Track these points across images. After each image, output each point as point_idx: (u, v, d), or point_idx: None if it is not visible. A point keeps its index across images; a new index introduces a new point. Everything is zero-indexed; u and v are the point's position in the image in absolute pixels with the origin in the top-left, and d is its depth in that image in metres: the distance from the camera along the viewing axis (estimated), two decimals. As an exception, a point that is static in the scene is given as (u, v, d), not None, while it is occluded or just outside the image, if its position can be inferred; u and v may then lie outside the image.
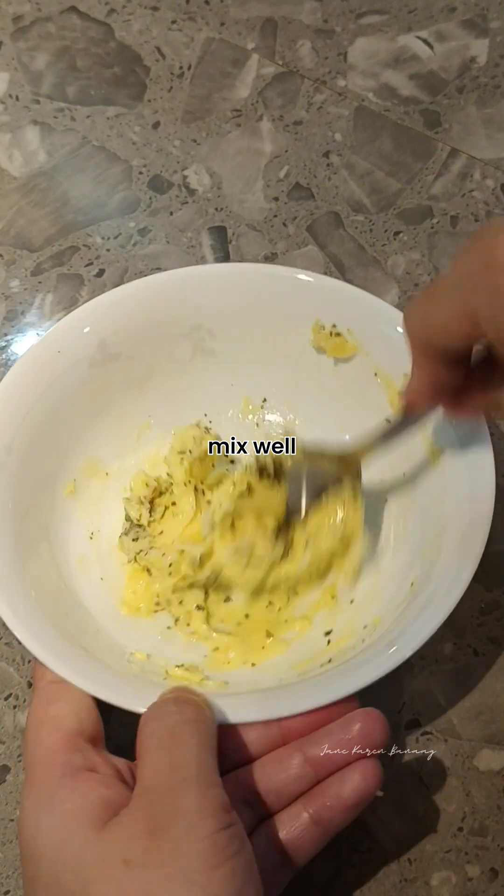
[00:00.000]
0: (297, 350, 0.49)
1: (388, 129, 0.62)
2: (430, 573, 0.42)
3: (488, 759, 0.46)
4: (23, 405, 0.46)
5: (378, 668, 0.39)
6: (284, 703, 0.39)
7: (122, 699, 0.38)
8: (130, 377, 0.50)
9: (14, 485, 0.44)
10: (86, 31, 0.65)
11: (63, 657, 0.39)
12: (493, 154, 0.60)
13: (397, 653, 0.39)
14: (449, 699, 0.47)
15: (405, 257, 0.58)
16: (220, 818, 0.33)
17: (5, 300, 0.57)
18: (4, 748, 0.47)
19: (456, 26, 0.64)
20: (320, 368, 0.49)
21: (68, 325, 0.47)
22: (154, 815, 0.32)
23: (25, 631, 0.40)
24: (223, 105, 0.62)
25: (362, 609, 0.46)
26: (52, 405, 0.47)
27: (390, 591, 0.45)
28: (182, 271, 0.49)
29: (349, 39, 0.64)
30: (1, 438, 0.45)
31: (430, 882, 0.44)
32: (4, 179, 0.61)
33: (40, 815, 0.35)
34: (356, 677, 0.39)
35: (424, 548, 0.44)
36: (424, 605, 0.41)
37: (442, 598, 0.40)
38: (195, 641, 0.46)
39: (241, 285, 0.49)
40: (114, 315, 0.48)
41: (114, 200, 0.60)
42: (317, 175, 0.60)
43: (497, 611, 0.49)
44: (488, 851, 0.44)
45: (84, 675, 0.39)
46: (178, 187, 0.60)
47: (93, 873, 0.32)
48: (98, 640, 0.44)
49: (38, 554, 0.45)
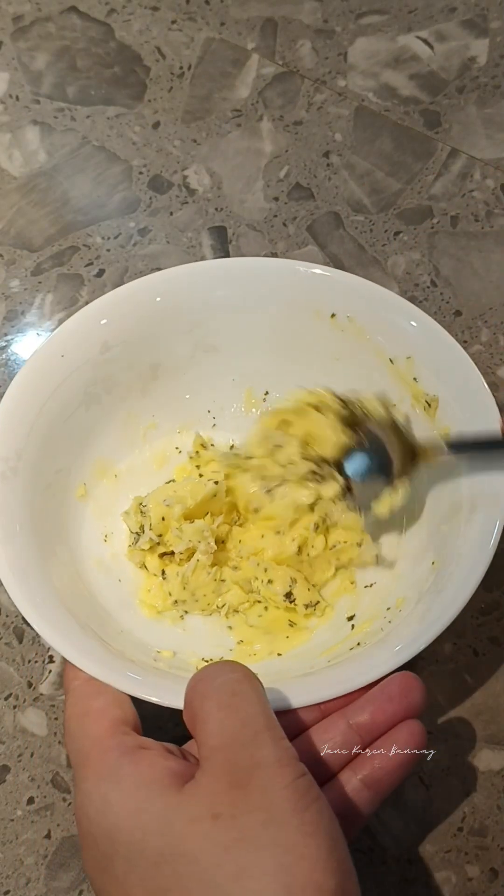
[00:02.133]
0: (298, 341, 0.49)
1: (388, 129, 0.62)
2: (451, 551, 0.42)
3: (488, 759, 0.46)
4: (31, 411, 0.46)
5: (415, 643, 0.40)
6: (333, 682, 0.40)
7: (160, 695, 0.39)
8: (134, 377, 0.50)
9: (28, 490, 0.45)
10: (86, 31, 0.65)
11: (96, 658, 0.40)
12: (493, 154, 0.60)
13: (431, 628, 0.40)
14: (449, 699, 0.47)
15: (405, 257, 0.58)
16: (296, 766, 0.34)
17: (5, 300, 0.57)
18: (4, 748, 0.47)
19: (456, 26, 0.64)
20: (323, 359, 0.49)
21: (70, 328, 0.47)
22: (234, 770, 0.33)
23: (61, 639, 0.40)
24: (223, 105, 0.62)
25: (383, 592, 0.46)
26: (58, 409, 0.47)
27: (410, 572, 0.45)
28: (179, 269, 0.49)
29: (349, 39, 0.64)
30: (12, 444, 0.45)
31: (430, 882, 0.44)
32: (4, 179, 0.60)
33: (107, 791, 0.35)
34: (394, 654, 0.40)
35: (442, 526, 0.44)
36: (447, 582, 0.41)
37: (466, 574, 0.41)
38: (219, 632, 0.46)
39: (239, 278, 0.49)
40: (115, 316, 0.48)
41: (114, 200, 0.60)
42: (317, 175, 0.60)
43: (497, 611, 0.49)
44: (488, 851, 0.44)
45: (119, 674, 0.39)
46: (178, 187, 0.60)
47: (182, 831, 0.33)
48: (124, 641, 0.44)
49: (58, 557, 0.45)
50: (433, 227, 0.59)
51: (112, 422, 0.50)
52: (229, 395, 0.52)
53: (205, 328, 0.50)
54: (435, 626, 0.40)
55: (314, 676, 0.41)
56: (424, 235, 0.58)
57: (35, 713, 0.47)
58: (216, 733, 0.34)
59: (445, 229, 0.59)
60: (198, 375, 0.51)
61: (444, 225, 0.59)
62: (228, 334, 0.50)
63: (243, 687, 0.36)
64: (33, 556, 0.43)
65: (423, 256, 0.58)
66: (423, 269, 0.57)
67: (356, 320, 0.47)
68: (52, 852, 0.45)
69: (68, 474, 0.48)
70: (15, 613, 0.49)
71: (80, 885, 0.44)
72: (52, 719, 0.47)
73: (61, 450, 0.47)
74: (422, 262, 0.58)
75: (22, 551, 0.42)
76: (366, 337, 0.47)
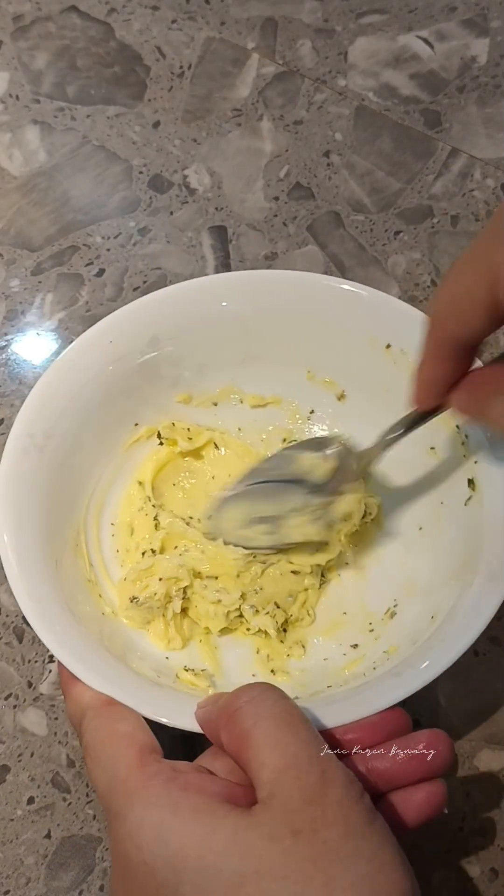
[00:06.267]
0: (349, 365, 0.49)
1: (388, 128, 0.62)
2: (455, 606, 0.42)
3: (488, 759, 0.46)
4: (67, 393, 0.45)
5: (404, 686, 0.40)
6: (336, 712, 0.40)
7: (182, 720, 0.39)
8: (179, 376, 0.49)
9: (52, 469, 0.44)
10: (86, 31, 0.65)
11: (120, 686, 0.40)
12: (493, 154, 0.60)
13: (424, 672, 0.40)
14: (449, 699, 0.47)
15: (405, 257, 0.58)
16: (358, 783, 0.35)
17: (5, 300, 0.57)
18: (4, 748, 0.47)
19: (456, 26, 0.64)
20: (373, 388, 0.48)
21: (121, 316, 0.47)
22: (307, 787, 0.34)
23: (83, 667, 0.40)
24: (223, 104, 0.62)
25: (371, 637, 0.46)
26: (97, 395, 0.46)
27: (409, 623, 0.45)
28: (239, 274, 0.49)
29: (349, 39, 0.64)
30: (42, 423, 0.45)
31: (430, 882, 0.44)
32: (4, 179, 0.60)
33: (162, 819, 0.34)
34: (382, 695, 0.40)
35: (451, 582, 0.44)
36: (443, 638, 0.41)
37: (461, 632, 0.41)
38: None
39: (296, 293, 0.48)
40: (167, 312, 0.47)
41: (114, 200, 0.60)
42: (317, 175, 0.60)
43: (497, 611, 0.49)
44: (488, 851, 0.44)
45: (136, 699, 0.39)
46: (178, 187, 0.60)
47: (262, 849, 0.33)
48: (142, 662, 0.44)
49: (68, 542, 0.45)
50: (433, 226, 0.59)
51: (148, 416, 0.49)
52: (271, 412, 0.51)
53: (254, 336, 0.49)
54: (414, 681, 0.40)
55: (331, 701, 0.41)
56: (425, 235, 0.58)
57: (35, 713, 0.47)
58: (280, 753, 0.35)
59: (446, 229, 0.59)
60: (241, 383, 0.51)
61: (444, 224, 0.59)
62: (276, 347, 0.49)
63: (293, 708, 0.36)
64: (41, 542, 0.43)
65: (423, 256, 0.58)
66: (424, 269, 0.57)
67: (409, 355, 0.46)
68: (52, 852, 0.45)
69: (96, 464, 0.48)
70: (15, 613, 0.49)
71: (80, 885, 0.44)
72: (52, 719, 0.47)
73: (95, 437, 0.47)
74: (422, 262, 0.57)
75: (30, 545, 0.42)
76: None
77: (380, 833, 0.34)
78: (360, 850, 0.33)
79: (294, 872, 0.32)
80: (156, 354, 0.48)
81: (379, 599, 0.47)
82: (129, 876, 0.35)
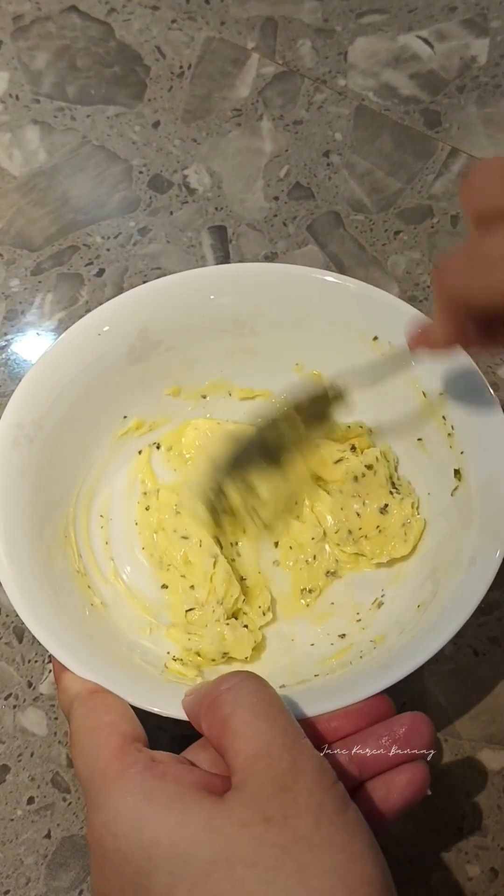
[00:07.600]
0: (337, 358, 0.49)
1: (388, 128, 0.62)
2: (440, 596, 0.42)
3: (488, 759, 0.46)
4: (57, 384, 0.46)
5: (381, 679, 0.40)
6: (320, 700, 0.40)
7: (161, 705, 0.39)
8: (169, 368, 0.49)
9: (42, 458, 0.45)
10: (86, 31, 0.65)
11: (107, 675, 0.40)
12: (493, 153, 0.60)
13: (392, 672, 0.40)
14: (449, 699, 0.47)
15: (405, 257, 0.58)
16: (332, 772, 0.35)
17: (5, 300, 0.57)
18: (4, 748, 0.47)
19: (456, 26, 0.64)
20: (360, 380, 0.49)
21: (111, 308, 0.47)
22: (279, 775, 0.34)
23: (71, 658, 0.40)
24: (223, 104, 0.62)
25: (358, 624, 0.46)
26: (86, 386, 0.46)
27: (396, 612, 0.45)
28: (230, 267, 0.49)
29: (349, 39, 0.64)
30: (32, 413, 0.45)
31: (430, 882, 0.44)
32: (4, 179, 0.60)
33: (137, 806, 0.35)
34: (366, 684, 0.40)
35: (437, 573, 0.44)
36: (430, 626, 0.41)
37: (447, 620, 0.41)
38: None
39: (287, 287, 0.48)
40: (157, 304, 0.48)
41: (114, 200, 0.60)
42: (317, 174, 0.60)
43: (497, 611, 0.49)
44: (488, 851, 0.44)
45: (124, 688, 0.40)
46: (178, 187, 0.60)
47: (233, 836, 0.33)
48: (133, 652, 0.44)
49: (62, 542, 0.45)
50: (433, 226, 0.59)
51: (137, 408, 0.49)
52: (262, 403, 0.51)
53: (245, 330, 0.49)
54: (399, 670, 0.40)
55: (313, 688, 0.42)
56: (425, 235, 0.58)
57: (35, 713, 0.47)
58: (254, 741, 0.35)
59: (446, 229, 0.59)
60: (233, 377, 0.51)
61: (444, 224, 0.59)
62: (265, 339, 0.49)
63: (272, 696, 0.36)
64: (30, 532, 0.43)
65: (423, 256, 0.58)
66: (424, 269, 0.57)
67: (396, 347, 0.46)
68: (52, 852, 0.45)
69: (85, 454, 0.48)
70: (15, 613, 0.49)
71: (80, 884, 0.44)
72: (52, 719, 0.47)
73: (85, 427, 0.47)
74: (422, 262, 0.57)
75: (19, 535, 0.42)
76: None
77: (353, 822, 0.34)
78: (332, 839, 0.33)
79: (265, 859, 0.32)
80: (145, 346, 0.48)
81: (367, 590, 0.47)
82: (105, 864, 0.35)
